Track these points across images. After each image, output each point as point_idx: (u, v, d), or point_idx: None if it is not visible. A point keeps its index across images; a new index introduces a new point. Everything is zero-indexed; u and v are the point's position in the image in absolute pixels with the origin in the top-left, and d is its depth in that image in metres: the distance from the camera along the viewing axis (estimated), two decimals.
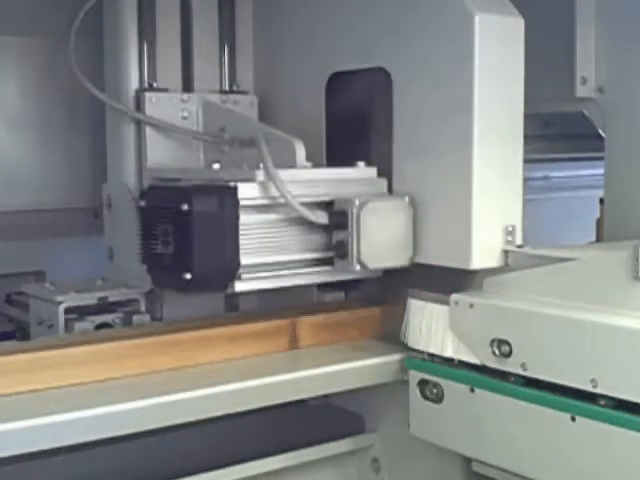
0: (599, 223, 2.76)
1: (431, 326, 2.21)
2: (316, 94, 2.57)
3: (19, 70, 2.81)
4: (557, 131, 3.13)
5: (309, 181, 2.28)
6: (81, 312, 2.43)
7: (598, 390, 1.86)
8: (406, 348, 2.28)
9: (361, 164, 2.37)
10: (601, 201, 2.67)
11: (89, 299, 2.46)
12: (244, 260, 2.18)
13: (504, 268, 2.20)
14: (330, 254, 2.29)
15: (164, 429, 2.03)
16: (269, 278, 2.26)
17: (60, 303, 2.39)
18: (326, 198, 2.28)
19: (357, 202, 2.22)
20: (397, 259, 2.30)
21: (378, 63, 2.38)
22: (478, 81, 2.15)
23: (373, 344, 2.41)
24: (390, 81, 2.36)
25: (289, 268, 2.28)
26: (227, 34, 2.73)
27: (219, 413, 2.09)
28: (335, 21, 2.52)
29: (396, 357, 2.30)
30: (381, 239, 2.25)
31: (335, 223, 2.25)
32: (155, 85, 2.59)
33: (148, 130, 2.55)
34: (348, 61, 2.48)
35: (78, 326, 2.37)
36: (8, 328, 2.76)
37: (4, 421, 1.82)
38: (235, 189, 2.16)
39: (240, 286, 2.20)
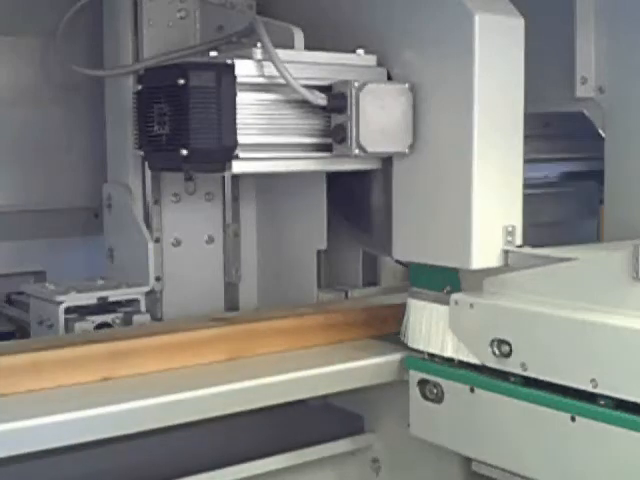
0: (599, 223, 2.76)
1: (431, 326, 2.21)
2: None
3: (16, 70, 2.81)
4: (557, 131, 3.13)
5: (308, 63, 2.26)
6: (81, 312, 2.44)
7: (598, 390, 1.85)
8: (406, 348, 2.28)
9: (360, 51, 2.34)
10: (601, 201, 2.67)
11: (89, 299, 2.46)
12: (241, 139, 2.15)
13: (504, 268, 2.20)
14: (329, 141, 2.26)
15: (163, 429, 2.03)
16: (267, 160, 2.23)
17: (60, 303, 2.39)
18: (325, 82, 2.25)
19: (356, 84, 2.19)
20: (396, 144, 2.26)
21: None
22: (478, 81, 2.15)
23: (373, 344, 2.41)
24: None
25: (287, 152, 2.25)
26: None
27: (219, 413, 2.09)
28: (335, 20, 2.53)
29: (396, 357, 2.30)
30: (380, 123, 2.22)
31: (334, 106, 2.22)
32: None
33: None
34: None
35: (78, 326, 2.37)
36: (8, 328, 2.76)
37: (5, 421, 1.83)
38: (232, 65, 2.14)
39: (238, 166, 2.17)
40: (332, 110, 2.23)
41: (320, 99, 2.21)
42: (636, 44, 2.53)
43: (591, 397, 1.88)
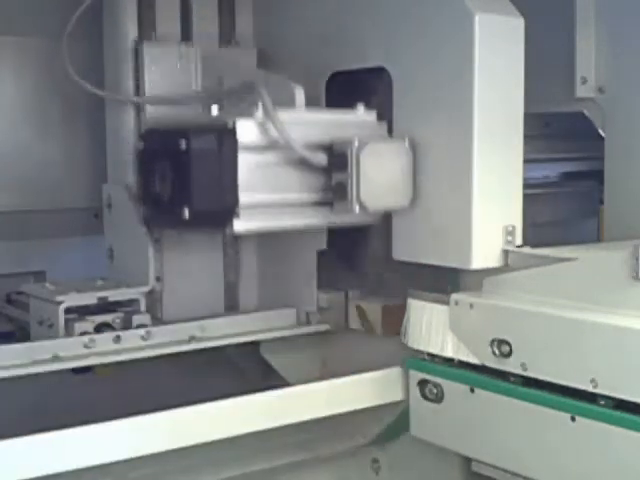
0: (599, 223, 2.76)
1: (431, 326, 2.21)
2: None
3: (18, 70, 2.81)
4: (557, 131, 3.13)
5: (308, 122, 2.27)
6: (81, 312, 2.43)
7: (598, 390, 1.86)
8: (406, 348, 2.28)
9: (361, 107, 2.35)
10: (601, 201, 2.67)
11: (89, 299, 2.45)
12: (243, 198, 2.16)
13: (504, 268, 2.20)
14: (330, 197, 2.27)
15: None
16: (268, 218, 2.24)
17: (60, 303, 2.38)
18: (325, 140, 2.26)
19: (356, 143, 2.20)
20: (397, 201, 2.28)
21: (378, 63, 2.38)
22: (478, 81, 2.15)
23: None
24: (390, 81, 2.36)
25: (288, 209, 2.26)
26: None
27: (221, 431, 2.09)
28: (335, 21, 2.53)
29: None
30: (381, 180, 2.23)
31: (334, 164, 2.23)
32: (154, 36, 2.56)
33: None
34: (348, 61, 2.48)
35: (78, 326, 2.37)
36: (8, 328, 2.75)
37: None
38: (233, 128, 2.15)
39: (239, 225, 2.19)
40: (333, 169, 2.25)
41: (321, 159, 2.23)
42: (636, 44, 2.53)
43: (591, 397, 1.88)
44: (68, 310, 2.40)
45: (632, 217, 2.51)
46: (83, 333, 2.36)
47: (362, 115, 2.36)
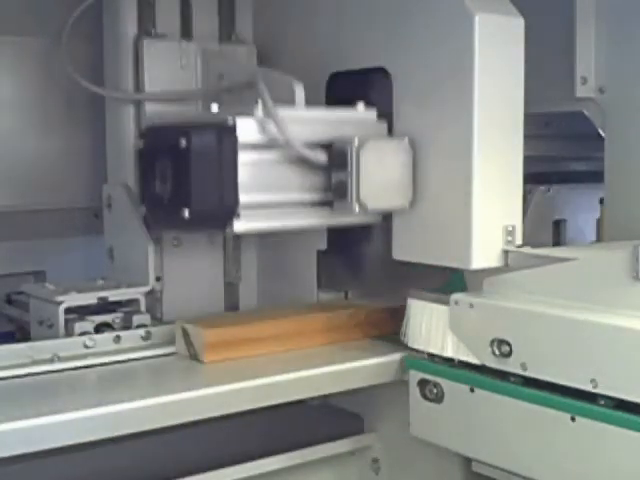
0: (599, 223, 2.76)
1: (431, 326, 2.21)
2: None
3: (17, 70, 2.81)
4: (557, 131, 3.13)
5: (308, 120, 2.27)
6: (81, 312, 2.43)
7: (598, 390, 1.86)
8: (406, 348, 2.28)
9: (361, 105, 2.36)
10: (601, 201, 2.67)
11: (89, 299, 2.45)
12: (243, 198, 2.16)
13: (504, 268, 2.20)
14: (330, 197, 2.27)
15: (163, 429, 2.03)
16: (268, 218, 2.24)
17: (60, 303, 2.38)
18: (325, 139, 2.26)
19: (357, 141, 2.20)
20: (397, 200, 2.28)
21: (378, 63, 2.38)
22: (478, 81, 2.15)
23: (373, 344, 2.41)
24: (390, 81, 2.36)
25: (288, 208, 2.26)
26: None
27: (219, 413, 2.09)
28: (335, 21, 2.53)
29: (396, 357, 2.30)
30: (381, 179, 2.23)
31: (334, 163, 2.23)
32: (153, 32, 2.56)
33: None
34: (348, 61, 2.48)
35: (78, 326, 2.37)
36: (8, 328, 2.76)
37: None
38: (234, 126, 2.15)
39: (239, 225, 2.19)
40: (333, 167, 2.24)
41: (321, 157, 2.23)
42: (636, 44, 2.53)
43: (591, 397, 1.88)
44: (68, 310, 2.40)
45: (632, 217, 2.50)
46: (83, 333, 2.36)
47: (362, 113, 2.36)
